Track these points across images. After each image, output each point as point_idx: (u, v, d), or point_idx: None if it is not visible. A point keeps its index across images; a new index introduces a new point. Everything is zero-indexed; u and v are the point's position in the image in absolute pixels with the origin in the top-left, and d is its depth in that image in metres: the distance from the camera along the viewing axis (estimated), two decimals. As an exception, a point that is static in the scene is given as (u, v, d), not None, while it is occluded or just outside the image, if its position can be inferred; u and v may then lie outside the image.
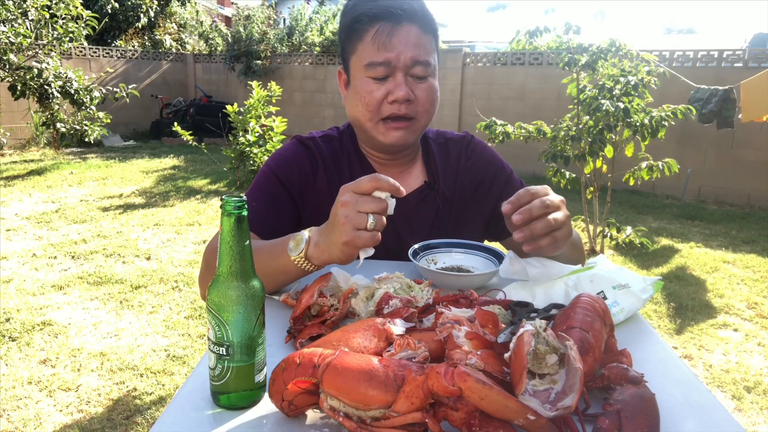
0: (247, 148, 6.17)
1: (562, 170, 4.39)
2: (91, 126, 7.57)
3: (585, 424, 0.63)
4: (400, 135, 1.20)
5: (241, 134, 6.17)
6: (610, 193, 4.57)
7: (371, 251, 0.91)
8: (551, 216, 0.92)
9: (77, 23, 7.28)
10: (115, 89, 7.71)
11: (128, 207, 5.54)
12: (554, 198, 0.94)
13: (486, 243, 1.24)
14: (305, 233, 0.96)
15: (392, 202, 0.89)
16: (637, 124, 3.96)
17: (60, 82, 7.18)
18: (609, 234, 4.50)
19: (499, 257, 1.13)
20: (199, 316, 3.19)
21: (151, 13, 11.82)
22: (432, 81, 1.20)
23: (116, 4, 10.74)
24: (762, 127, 5.87)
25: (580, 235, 1.32)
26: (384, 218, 0.89)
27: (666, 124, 3.99)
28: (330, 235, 0.91)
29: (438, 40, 1.23)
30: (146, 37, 12.22)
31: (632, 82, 3.91)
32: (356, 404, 0.61)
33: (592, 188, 4.51)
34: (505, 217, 0.94)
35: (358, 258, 0.91)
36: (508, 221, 0.94)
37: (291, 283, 1.04)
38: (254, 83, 6.14)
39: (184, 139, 6.40)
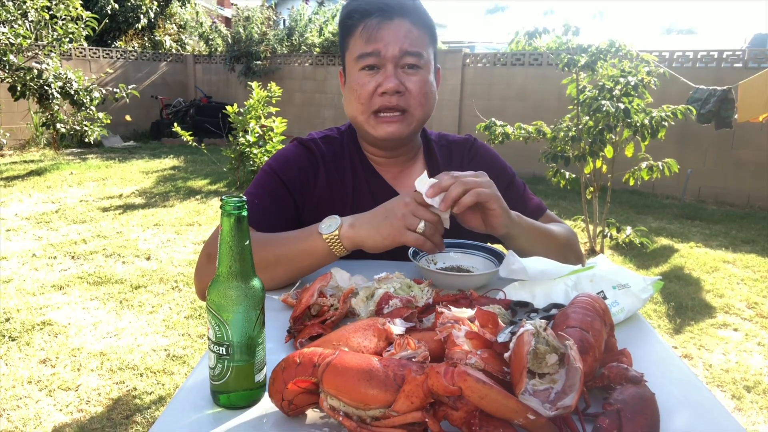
0: (247, 149, 6.16)
1: (562, 170, 4.40)
2: (91, 126, 7.56)
3: (585, 423, 0.63)
4: (393, 129, 1.20)
5: (240, 135, 6.16)
6: (610, 193, 4.57)
7: None
8: (464, 178, 0.99)
9: (77, 24, 7.27)
10: (115, 90, 7.70)
11: (128, 207, 5.54)
12: (470, 173, 1.02)
13: (487, 243, 1.23)
14: (336, 216, 1.05)
15: (446, 216, 1.01)
16: (637, 124, 3.96)
17: (60, 83, 7.17)
18: (609, 234, 4.50)
19: (499, 257, 1.13)
20: (199, 316, 3.19)
21: (151, 14, 11.81)
22: (424, 74, 1.20)
23: (116, 5, 10.73)
24: (762, 128, 5.87)
25: (574, 232, 1.32)
26: (434, 228, 1.00)
27: (666, 124, 3.99)
28: (380, 223, 1.01)
29: (434, 37, 1.23)
30: (146, 38, 12.22)
31: (632, 83, 3.91)
32: (356, 404, 0.61)
33: (592, 188, 4.51)
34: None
35: None
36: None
37: (313, 270, 1.08)
38: (254, 84, 6.14)
39: (184, 139, 6.39)
